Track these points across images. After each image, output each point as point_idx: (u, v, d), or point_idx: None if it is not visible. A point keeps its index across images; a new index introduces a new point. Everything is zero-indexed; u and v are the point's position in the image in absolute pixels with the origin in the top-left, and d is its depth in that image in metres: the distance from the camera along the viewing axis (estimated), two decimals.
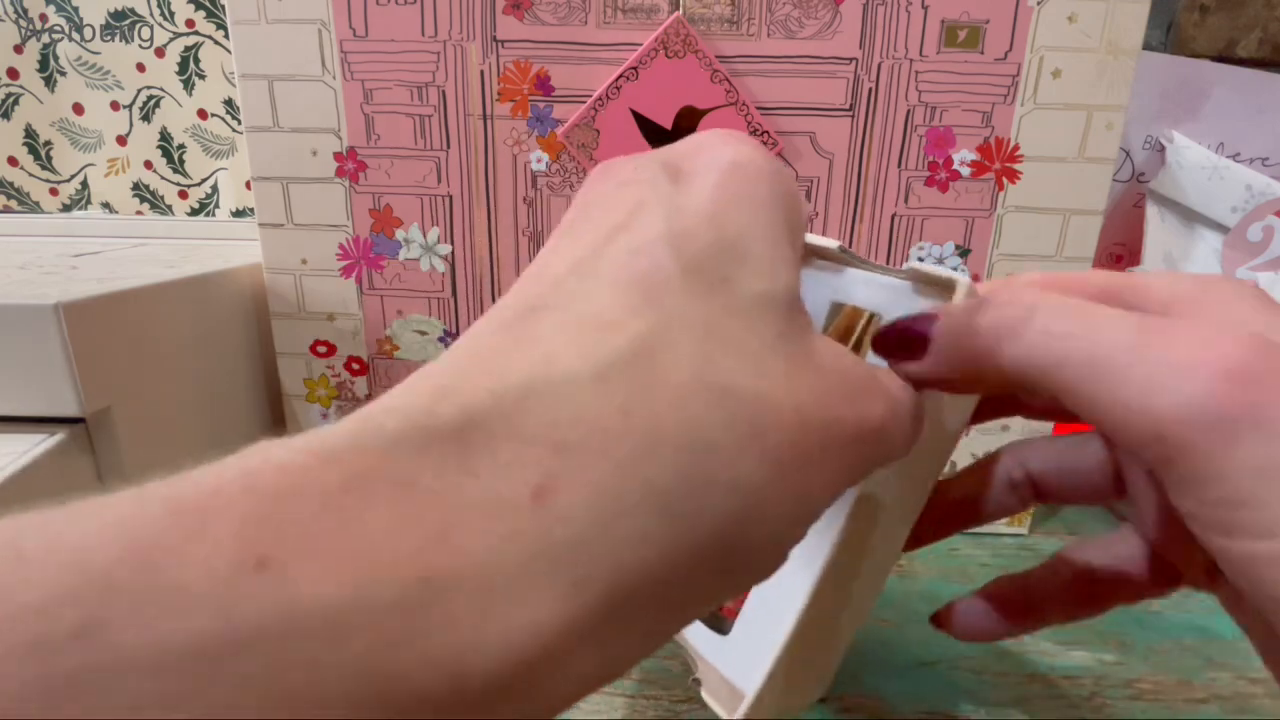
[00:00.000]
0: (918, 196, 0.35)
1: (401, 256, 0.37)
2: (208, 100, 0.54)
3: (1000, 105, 0.34)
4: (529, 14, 0.33)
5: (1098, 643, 0.31)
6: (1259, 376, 0.12)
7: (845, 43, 0.33)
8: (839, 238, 0.36)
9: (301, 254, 0.38)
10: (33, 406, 0.28)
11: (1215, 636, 0.32)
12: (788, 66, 0.34)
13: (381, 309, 0.38)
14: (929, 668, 0.29)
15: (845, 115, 0.34)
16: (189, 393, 0.35)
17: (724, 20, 0.33)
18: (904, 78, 0.34)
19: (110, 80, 0.54)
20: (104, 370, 0.29)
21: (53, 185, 0.56)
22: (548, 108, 0.35)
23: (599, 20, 0.33)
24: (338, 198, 0.37)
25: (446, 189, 0.36)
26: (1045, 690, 0.28)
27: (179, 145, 0.55)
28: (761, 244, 0.13)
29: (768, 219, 0.14)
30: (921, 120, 0.34)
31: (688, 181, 0.14)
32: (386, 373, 0.39)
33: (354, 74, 0.35)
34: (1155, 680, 0.29)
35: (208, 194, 0.56)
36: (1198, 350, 0.12)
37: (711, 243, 0.13)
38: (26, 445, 0.28)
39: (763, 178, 0.14)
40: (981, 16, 0.33)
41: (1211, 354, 0.12)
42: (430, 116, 0.35)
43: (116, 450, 0.30)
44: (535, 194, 0.36)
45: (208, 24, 0.53)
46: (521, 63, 0.34)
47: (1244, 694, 0.28)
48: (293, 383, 0.40)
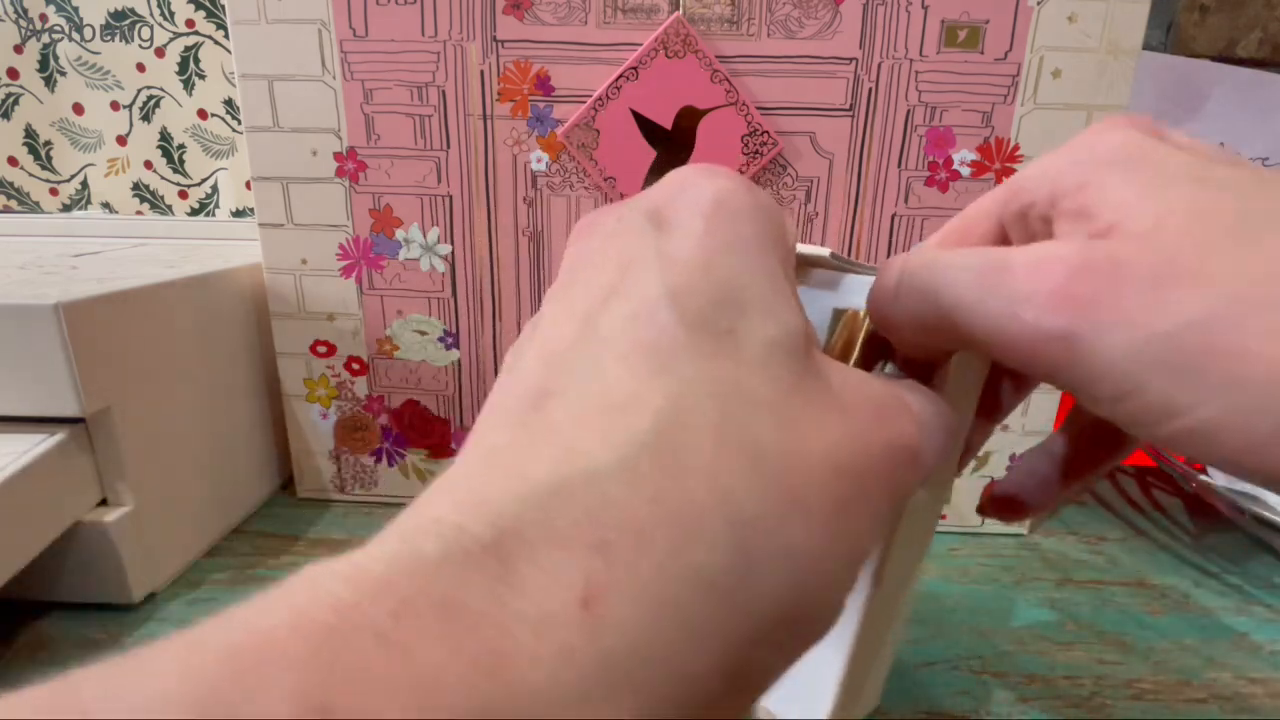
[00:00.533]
0: (918, 196, 0.35)
1: (401, 256, 0.37)
2: (208, 100, 0.54)
3: (1000, 105, 0.34)
4: (529, 14, 0.33)
5: (1098, 643, 0.31)
6: (1078, 290, 0.13)
7: (845, 43, 0.33)
8: (839, 238, 0.36)
9: (301, 254, 0.38)
10: (33, 406, 0.28)
11: (1215, 636, 0.32)
12: (788, 66, 0.34)
13: (381, 309, 0.38)
14: (929, 668, 0.29)
15: (845, 115, 0.34)
16: (189, 393, 0.35)
17: (724, 20, 0.33)
18: (904, 78, 0.34)
19: (110, 80, 0.54)
20: (104, 370, 0.29)
21: (53, 185, 0.56)
22: (548, 108, 0.35)
23: (599, 20, 0.33)
24: (338, 198, 0.37)
25: (446, 189, 0.36)
26: (1045, 690, 0.28)
27: (179, 145, 0.55)
28: (759, 286, 0.13)
29: (761, 258, 0.14)
30: (921, 120, 0.34)
31: (673, 228, 0.14)
32: (386, 373, 0.39)
33: (354, 74, 0.35)
34: (1155, 680, 0.29)
35: (208, 194, 0.56)
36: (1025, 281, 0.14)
37: (710, 294, 0.13)
38: (26, 445, 0.28)
39: (747, 213, 0.14)
40: (981, 16, 0.33)
41: (1038, 281, 0.13)
42: (430, 116, 0.35)
43: (116, 450, 0.30)
44: (535, 194, 0.36)
45: (208, 24, 0.53)
46: (521, 63, 0.34)
47: (1244, 694, 0.28)
48: (293, 383, 0.40)
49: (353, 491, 0.42)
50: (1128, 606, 0.34)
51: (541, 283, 0.38)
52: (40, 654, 0.29)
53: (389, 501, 0.42)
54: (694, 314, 0.13)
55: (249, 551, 0.37)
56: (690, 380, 0.12)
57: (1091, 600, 0.34)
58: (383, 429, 0.41)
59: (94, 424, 0.30)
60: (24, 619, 0.30)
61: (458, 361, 0.39)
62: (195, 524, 0.36)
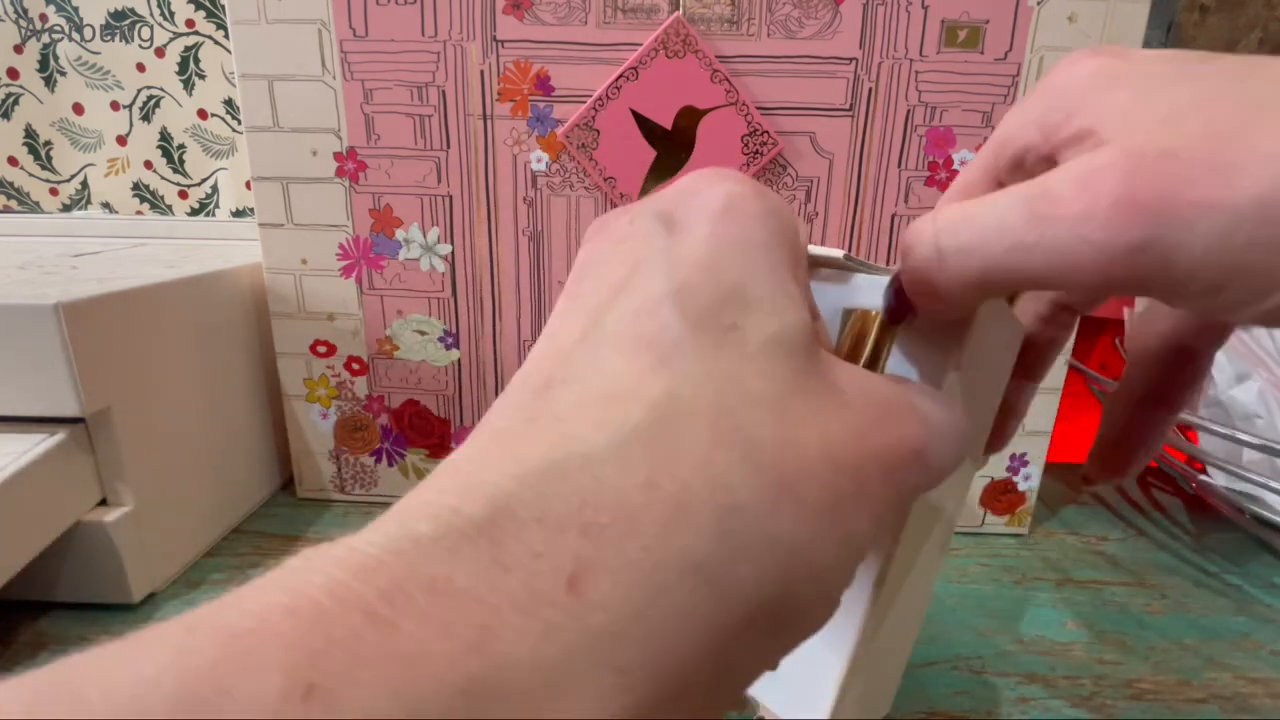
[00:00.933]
0: (918, 196, 0.35)
1: (401, 256, 0.37)
2: (208, 100, 0.54)
3: (1000, 105, 0.34)
4: (529, 14, 0.33)
5: (1098, 643, 0.31)
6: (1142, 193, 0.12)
7: (845, 43, 0.33)
8: (839, 238, 0.36)
9: (301, 254, 0.38)
10: (33, 406, 0.28)
11: (1215, 636, 0.32)
12: (788, 66, 0.34)
13: (381, 309, 0.38)
14: (929, 668, 0.29)
15: (845, 115, 0.34)
16: (189, 393, 0.35)
17: (724, 20, 0.33)
18: (904, 78, 0.34)
19: (110, 80, 0.54)
20: (104, 370, 0.29)
21: (53, 185, 0.56)
22: (548, 108, 0.35)
23: (599, 20, 0.33)
24: (338, 198, 0.37)
25: (446, 189, 0.36)
26: (1045, 690, 0.28)
27: (179, 145, 0.55)
28: (764, 285, 0.13)
29: (767, 259, 0.14)
30: (921, 120, 0.34)
31: (682, 231, 0.14)
32: (386, 373, 0.39)
33: (354, 74, 0.35)
34: (1155, 680, 0.29)
35: (208, 194, 0.56)
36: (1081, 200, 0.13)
37: (714, 292, 0.13)
38: (26, 445, 0.28)
39: (757, 216, 0.14)
40: (981, 16, 0.33)
41: (1095, 195, 0.12)
42: (430, 116, 0.35)
43: (116, 450, 0.30)
44: (535, 194, 0.36)
45: (208, 24, 0.53)
46: (521, 63, 0.34)
47: (1244, 694, 0.28)
48: (293, 383, 0.40)
49: (353, 491, 0.42)
50: (1128, 606, 0.34)
51: (541, 283, 0.38)
52: (40, 654, 0.29)
53: (389, 501, 0.41)
54: (697, 311, 0.13)
55: (249, 551, 0.37)
56: (689, 373, 0.12)
57: (1091, 600, 0.34)
58: (383, 429, 0.41)
59: (94, 424, 0.30)
60: (24, 619, 0.30)
61: (458, 361, 0.39)
62: (195, 524, 0.36)
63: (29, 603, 0.31)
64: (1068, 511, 0.43)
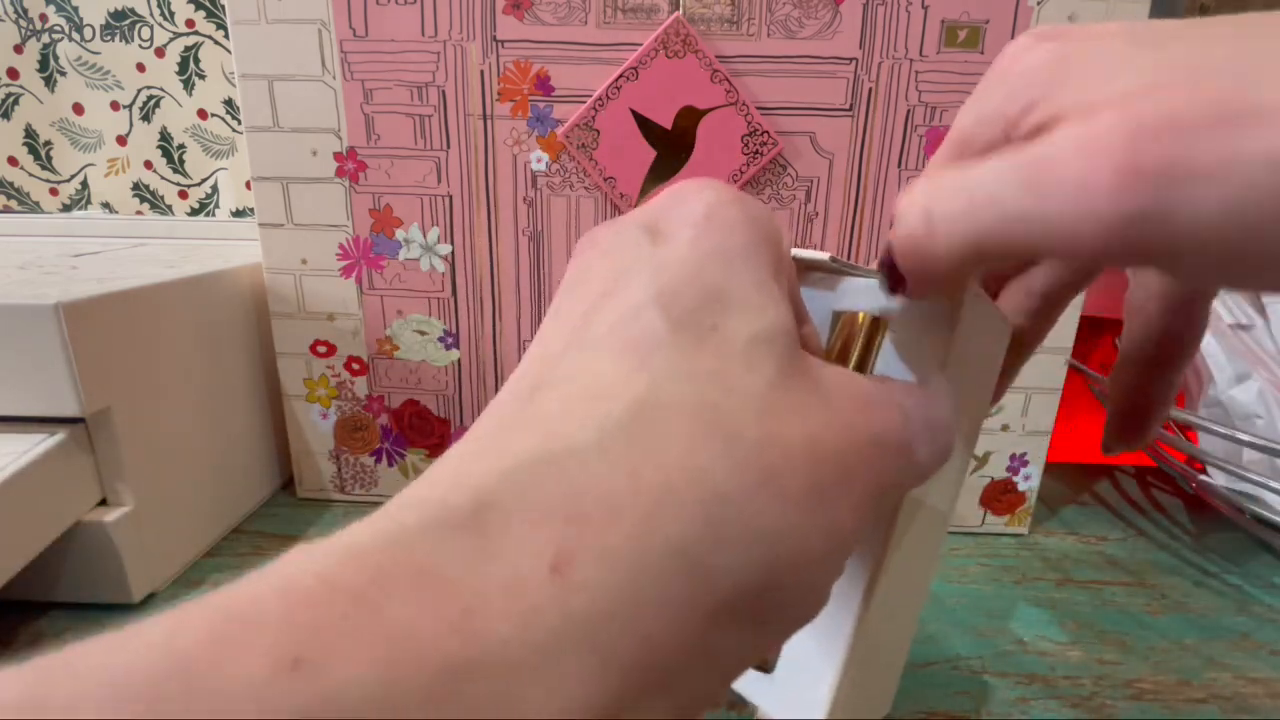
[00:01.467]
0: None
1: (401, 256, 0.37)
2: (208, 100, 0.54)
3: None
4: (529, 14, 0.33)
5: (1098, 643, 0.31)
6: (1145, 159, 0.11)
7: (845, 43, 0.33)
8: (839, 238, 0.36)
9: (301, 254, 0.38)
10: (33, 406, 0.28)
11: (1215, 636, 0.32)
12: (788, 66, 0.34)
13: (381, 309, 0.38)
14: (928, 668, 0.29)
15: (845, 115, 0.34)
16: (189, 393, 0.35)
17: (724, 20, 0.33)
18: (904, 78, 0.34)
19: (110, 80, 0.54)
20: (104, 370, 0.29)
21: (53, 185, 0.56)
22: (548, 108, 0.35)
23: (599, 20, 0.33)
24: (338, 198, 0.37)
25: (446, 189, 0.36)
26: (1045, 690, 0.28)
27: (179, 145, 0.55)
28: (745, 288, 0.14)
29: (747, 263, 0.14)
30: (921, 120, 0.34)
31: (665, 239, 0.14)
32: (387, 373, 0.39)
33: (354, 74, 0.35)
34: (1155, 680, 0.29)
35: (208, 194, 0.56)
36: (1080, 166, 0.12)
37: (696, 296, 0.13)
38: (26, 445, 0.28)
39: (738, 223, 0.14)
40: (981, 16, 0.33)
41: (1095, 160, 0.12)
42: (430, 116, 0.35)
43: (116, 450, 0.30)
44: (535, 194, 0.36)
45: (208, 24, 0.53)
46: (521, 63, 0.34)
47: (1244, 694, 0.28)
48: (293, 383, 0.40)
49: (353, 491, 0.42)
50: (1128, 606, 0.34)
51: (541, 283, 0.38)
52: (40, 654, 0.29)
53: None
54: (679, 313, 0.13)
55: (249, 551, 0.37)
56: (672, 370, 0.12)
57: (1091, 600, 0.34)
58: (383, 429, 0.41)
59: (94, 424, 0.30)
60: (24, 619, 0.30)
61: (458, 361, 0.39)
62: (195, 524, 0.36)
63: (29, 603, 0.30)
64: (1068, 511, 0.43)
